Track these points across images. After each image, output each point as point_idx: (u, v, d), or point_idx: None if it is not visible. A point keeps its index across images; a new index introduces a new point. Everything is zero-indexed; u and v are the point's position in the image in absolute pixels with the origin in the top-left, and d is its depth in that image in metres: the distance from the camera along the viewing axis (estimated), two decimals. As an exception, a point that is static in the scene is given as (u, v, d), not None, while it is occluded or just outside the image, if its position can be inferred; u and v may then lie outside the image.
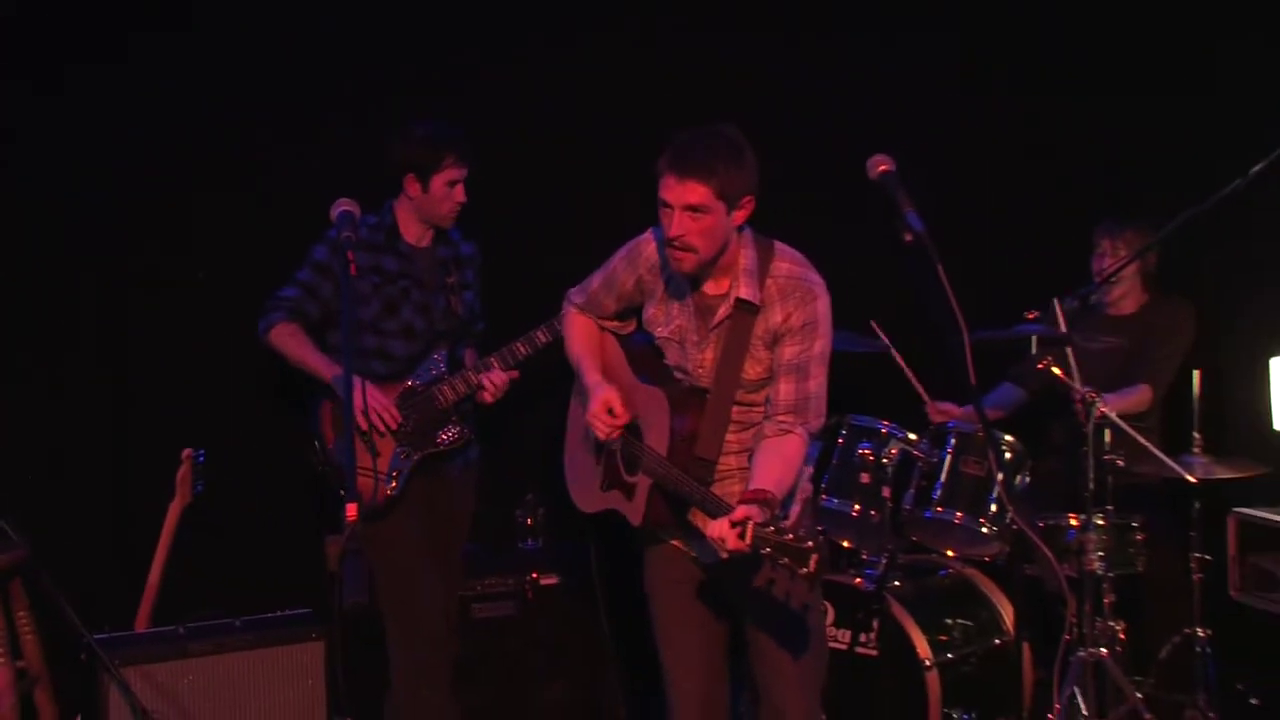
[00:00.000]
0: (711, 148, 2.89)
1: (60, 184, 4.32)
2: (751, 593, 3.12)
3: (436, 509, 4.08)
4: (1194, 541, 4.04)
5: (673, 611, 3.36)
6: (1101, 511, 3.98)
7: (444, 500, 4.10)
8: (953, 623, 4.23)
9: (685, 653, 3.38)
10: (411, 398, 3.98)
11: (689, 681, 3.37)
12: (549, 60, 4.86)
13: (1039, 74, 5.09)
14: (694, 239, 2.92)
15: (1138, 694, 3.95)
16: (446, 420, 4.00)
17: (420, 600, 4.02)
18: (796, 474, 3.09)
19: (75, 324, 4.27)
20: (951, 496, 4.17)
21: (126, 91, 4.38)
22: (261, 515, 4.27)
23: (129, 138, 4.40)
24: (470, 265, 4.21)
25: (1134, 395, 4.30)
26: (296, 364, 3.95)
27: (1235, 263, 4.52)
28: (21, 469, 4.29)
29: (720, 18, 4.94)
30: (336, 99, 4.69)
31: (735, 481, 3.16)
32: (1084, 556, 3.98)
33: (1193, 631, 4.05)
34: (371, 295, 4.00)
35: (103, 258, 4.22)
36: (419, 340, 4.02)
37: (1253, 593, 3.86)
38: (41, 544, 3.99)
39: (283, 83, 4.62)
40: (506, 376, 3.98)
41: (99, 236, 4.19)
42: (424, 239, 4.07)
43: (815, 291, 3.03)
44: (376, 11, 4.71)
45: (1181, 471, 3.93)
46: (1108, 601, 4.05)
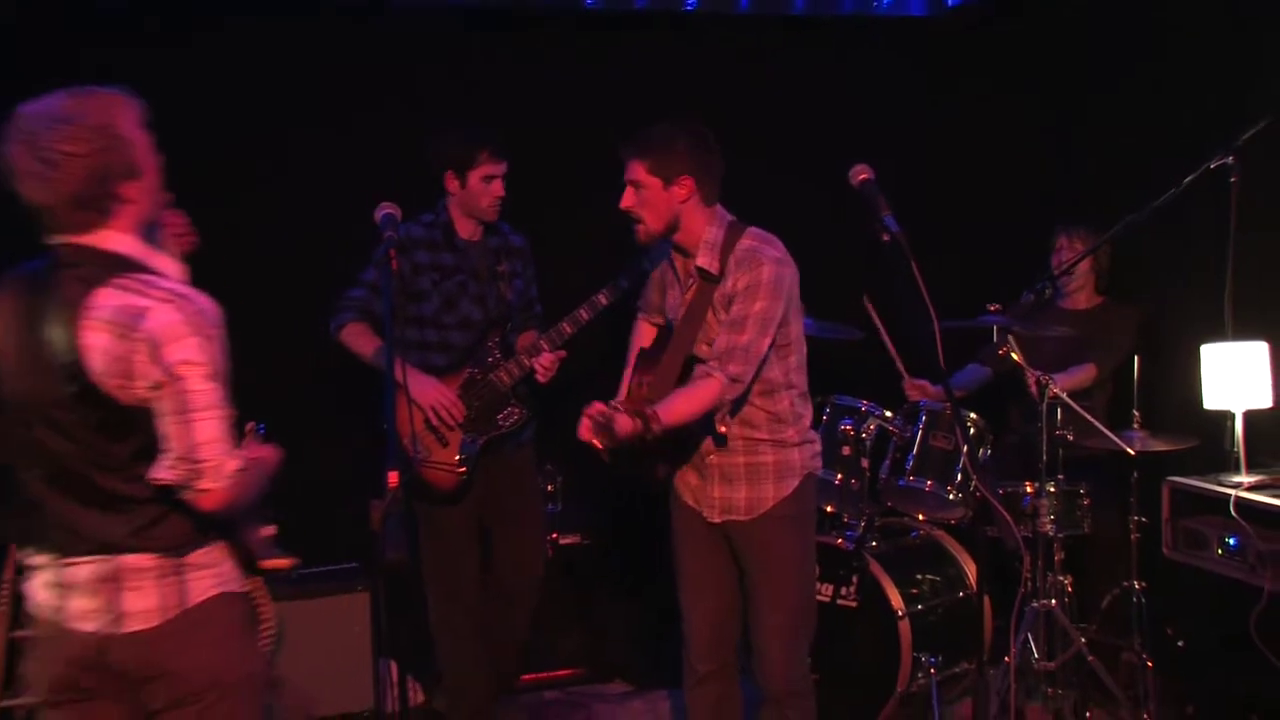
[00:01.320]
0: (649, 134, 3.19)
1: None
2: (747, 548, 3.42)
3: (497, 487, 4.12)
4: (1132, 506, 4.20)
5: (687, 558, 3.54)
6: (1053, 480, 4.17)
7: (504, 479, 4.12)
8: (922, 578, 4.41)
9: (698, 589, 3.54)
10: (473, 385, 3.97)
11: (697, 615, 3.53)
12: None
13: (1003, 87, 5.30)
14: (639, 210, 3.20)
15: (1082, 639, 4.15)
16: (507, 403, 4.01)
17: (459, 571, 4.10)
18: (697, 407, 3.14)
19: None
20: (922, 467, 4.33)
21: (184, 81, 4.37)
22: (314, 482, 4.20)
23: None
24: (520, 256, 4.18)
25: (1080, 373, 4.45)
26: (366, 360, 3.93)
27: (1171, 263, 4.63)
28: None
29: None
30: (367, 99, 4.74)
31: (739, 453, 3.37)
32: (1038, 519, 4.17)
33: (1130, 584, 4.22)
34: (431, 291, 3.97)
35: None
36: (476, 330, 4.02)
37: (1183, 551, 3.91)
38: None
39: (312, 80, 4.66)
40: (555, 357, 3.98)
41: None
42: (475, 233, 4.05)
43: (763, 260, 3.18)
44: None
45: (1122, 445, 4.08)
46: (1058, 559, 4.24)
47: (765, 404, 3.36)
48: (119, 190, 2.29)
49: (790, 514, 3.41)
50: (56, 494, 2.34)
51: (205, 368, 2.26)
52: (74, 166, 2.23)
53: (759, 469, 3.39)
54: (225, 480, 2.26)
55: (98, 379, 2.24)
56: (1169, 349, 4.43)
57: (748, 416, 3.38)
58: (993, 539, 4.19)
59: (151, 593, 2.32)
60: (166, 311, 2.24)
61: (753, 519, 3.39)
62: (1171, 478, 3.93)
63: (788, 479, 3.40)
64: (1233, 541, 3.64)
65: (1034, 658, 4.22)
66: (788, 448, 3.39)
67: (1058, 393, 4.07)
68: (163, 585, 2.33)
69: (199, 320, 2.26)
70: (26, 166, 2.23)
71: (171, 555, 2.34)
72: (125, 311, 2.23)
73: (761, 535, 3.41)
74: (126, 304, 2.24)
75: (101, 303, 2.24)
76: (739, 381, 3.17)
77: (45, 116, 2.25)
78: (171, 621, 2.33)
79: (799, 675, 3.42)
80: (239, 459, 2.30)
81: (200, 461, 2.25)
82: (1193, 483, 3.85)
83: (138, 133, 2.32)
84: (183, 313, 2.25)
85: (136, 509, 2.31)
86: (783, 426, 3.38)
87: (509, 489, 4.15)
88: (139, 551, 2.32)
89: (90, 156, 2.24)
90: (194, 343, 2.25)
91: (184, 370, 2.24)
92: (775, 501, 3.39)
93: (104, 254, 2.29)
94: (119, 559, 2.31)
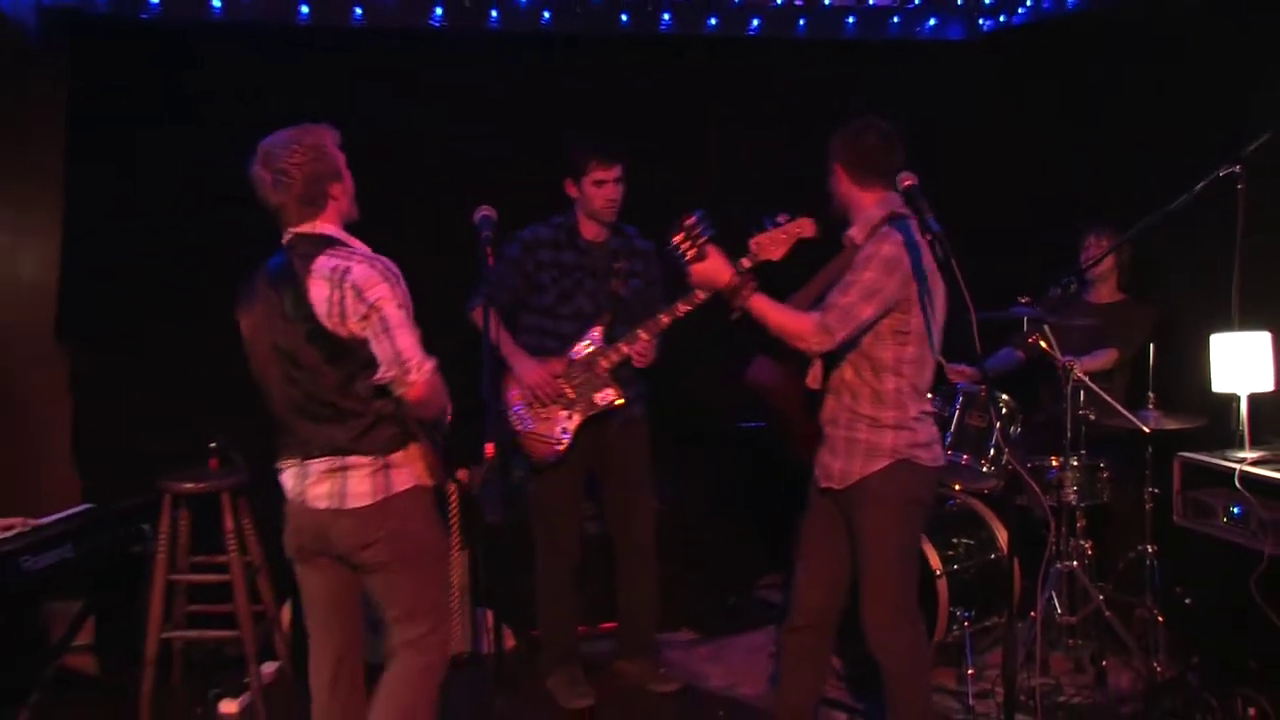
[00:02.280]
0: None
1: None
2: (844, 516, 3.49)
3: (602, 459, 4.38)
4: (1147, 479, 4.32)
5: (806, 520, 3.61)
6: (1076, 455, 4.31)
7: (608, 453, 4.36)
8: (958, 541, 4.55)
9: (806, 550, 3.62)
10: (574, 368, 4.22)
11: (801, 572, 3.61)
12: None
13: (1030, 103, 5.44)
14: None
15: (1100, 596, 4.30)
16: (605, 385, 4.22)
17: (561, 529, 4.39)
18: (785, 324, 3.23)
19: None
20: (959, 442, 4.46)
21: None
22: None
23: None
24: (642, 257, 4.36)
25: (1103, 356, 4.63)
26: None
27: (1184, 260, 4.74)
28: (245, 410, 4.68)
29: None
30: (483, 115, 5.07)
31: (841, 426, 3.42)
32: (1062, 490, 4.34)
33: (1144, 548, 4.34)
34: (550, 286, 4.25)
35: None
36: (587, 321, 4.25)
37: (1191, 519, 3.99)
38: (261, 468, 4.30)
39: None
40: (650, 345, 4.18)
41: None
42: (599, 235, 4.27)
43: (887, 239, 3.26)
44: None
45: (1139, 424, 4.23)
46: (1079, 525, 4.41)
47: (872, 381, 3.37)
48: (329, 190, 3.07)
49: (876, 492, 3.40)
50: (300, 417, 3.10)
51: (394, 301, 2.98)
52: (298, 174, 3.02)
53: (853, 443, 3.41)
54: (425, 374, 2.97)
55: (321, 320, 2.99)
56: (1181, 338, 4.52)
57: (855, 389, 3.42)
58: (1022, 507, 4.35)
59: (366, 481, 3.06)
60: (363, 267, 3.00)
61: (844, 489, 3.44)
62: (1182, 453, 4.04)
63: (876, 458, 3.39)
64: (1237, 511, 3.77)
65: (1057, 613, 4.39)
66: (881, 428, 3.38)
67: (1081, 376, 4.21)
68: (374, 477, 3.06)
69: (385, 271, 3.00)
70: (267, 178, 3.05)
71: (379, 455, 3.07)
72: (336, 270, 3.00)
73: (848, 506, 3.46)
74: (336, 264, 3.01)
75: (319, 265, 3.01)
76: (829, 332, 3.21)
77: (277, 143, 3.07)
78: (380, 503, 3.06)
79: (889, 637, 3.41)
80: (433, 360, 2.99)
81: (405, 361, 2.95)
82: (1201, 458, 3.96)
83: (336, 150, 3.11)
84: (374, 267, 3.00)
85: (354, 420, 3.05)
86: (882, 408, 3.37)
87: (616, 458, 4.39)
88: (357, 453, 3.06)
89: (307, 166, 3.04)
90: (384, 285, 2.98)
91: (380, 303, 2.96)
92: (861, 476, 3.40)
93: (318, 236, 3.09)
94: (344, 458, 3.06)
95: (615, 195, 4.18)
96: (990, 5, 5.50)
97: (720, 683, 4.65)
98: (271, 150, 3.05)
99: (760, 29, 5.33)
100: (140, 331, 5.04)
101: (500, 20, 5.01)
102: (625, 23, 5.17)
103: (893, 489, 3.39)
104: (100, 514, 4.34)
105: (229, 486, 4.36)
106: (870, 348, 3.34)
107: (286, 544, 3.25)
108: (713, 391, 5.03)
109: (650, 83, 5.36)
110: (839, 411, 3.44)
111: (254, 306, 3.16)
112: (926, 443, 3.43)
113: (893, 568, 3.42)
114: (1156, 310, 4.79)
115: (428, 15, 4.93)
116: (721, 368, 4.68)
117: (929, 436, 3.44)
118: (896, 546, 3.43)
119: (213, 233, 4.95)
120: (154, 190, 4.99)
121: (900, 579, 3.44)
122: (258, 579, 4.53)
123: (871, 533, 3.41)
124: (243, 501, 4.44)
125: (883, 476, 3.37)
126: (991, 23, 5.55)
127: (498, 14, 5.00)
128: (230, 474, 4.42)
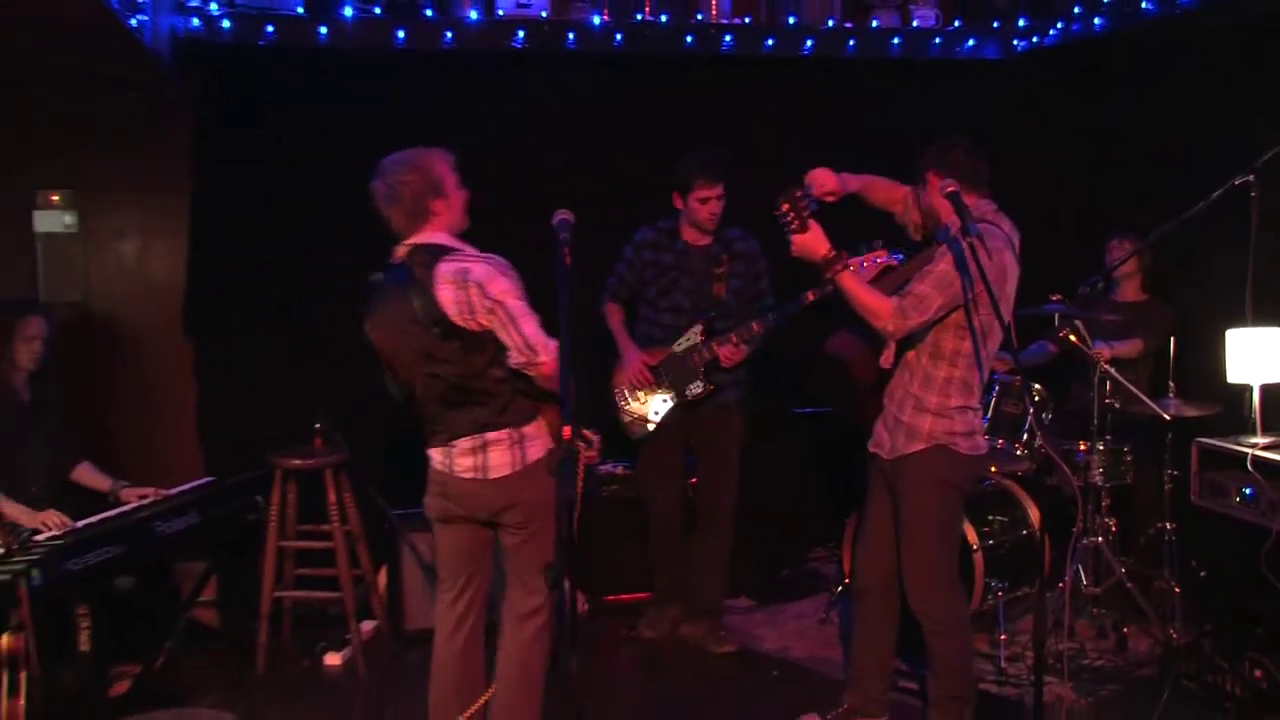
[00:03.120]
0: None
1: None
2: (895, 491, 3.58)
3: (697, 440, 4.64)
4: (1167, 462, 4.43)
5: (867, 490, 3.72)
6: (1102, 440, 4.45)
7: (702, 435, 4.62)
8: (993, 519, 4.64)
9: (865, 517, 3.73)
10: (671, 360, 4.50)
11: (860, 538, 3.75)
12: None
13: (1059, 117, 5.56)
14: None
15: (1123, 569, 4.44)
16: (695, 378, 4.47)
17: (657, 495, 4.69)
18: (867, 300, 3.29)
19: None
20: (996, 428, 4.62)
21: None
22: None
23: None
24: (743, 258, 4.54)
25: (1130, 344, 4.75)
26: (612, 331, 4.60)
27: (1202, 262, 4.85)
28: (345, 395, 4.86)
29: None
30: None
31: (893, 402, 3.53)
32: (1089, 472, 4.46)
33: (1163, 526, 4.46)
34: (651, 282, 4.54)
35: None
36: (685, 316, 4.50)
37: (1207, 499, 4.08)
38: (359, 447, 4.74)
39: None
40: (738, 349, 4.40)
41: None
42: (700, 239, 4.50)
43: (961, 237, 3.26)
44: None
45: (1160, 411, 4.37)
46: (1105, 504, 4.53)
47: (929, 365, 3.45)
48: (431, 206, 3.28)
49: (913, 473, 3.48)
50: (444, 406, 3.31)
51: (514, 293, 3.19)
52: (405, 191, 3.25)
53: (898, 422, 3.51)
54: (552, 353, 3.14)
55: (454, 319, 3.19)
56: (1200, 333, 4.63)
57: (914, 371, 3.50)
58: (1052, 487, 4.43)
59: (505, 454, 3.29)
60: (481, 266, 3.21)
61: (891, 460, 3.55)
62: (1200, 438, 4.15)
63: (914, 440, 3.47)
64: (1249, 491, 3.88)
65: (1083, 584, 4.51)
66: (922, 412, 3.45)
67: (1107, 367, 4.38)
68: (511, 450, 3.30)
69: (501, 268, 3.22)
70: (382, 191, 3.26)
71: (515, 429, 3.30)
72: (458, 272, 3.20)
73: (893, 478, 3.56)
74: (457, 267, 3.20)
75: (442, 271, 3.21)
76: (904, 316, 3.29)
77: (392, 162, 3.30)
78: (517, 472, 3.30)
79: (926, 603, 3.51)
80: (555, 341, 3.14)
81: (533, 345, 3.16)
82: (1217, 443, 4.07)
83: (447, 172, 3.32)
84: (491, 265, 3.21)
85: (493, 400, 3.27)
86: (929, 392, 3.45)
87: (708, 440, 4.65)
88: (497, 429, 3.28)
89: (414, 185, 3.24)
90: (504, 280, 3.19)
91: (503, 296, 3.17)
92: (901, 454, 3.50)
93: (431, 245, 3.29)
94: (485, 435, 3.29)
95: (716, 210, 4.42)
96: (1024, 28, 5.60)
97: (773, 645, 4.82)
98: (387, 168, 3.27)
99: (813, 49, 5.44)
100: (256, 326, 5.28)
101: (576, 42, 5.20)
102: (690, 44, 5.32)
103: (928, 472, 3.47)
104: (220, 486, 4.57)
105: (332, 463, 4.61)
106: (936, 335, 3.42)
107: (428, 507, 3.46)
108: (773, 383, 5.11)
109: (712, 99, 5.53)
110: (897, 388, 3.54)
111: (382, 319, 3.33)
112: (965, 433, 3.47)
113: (930, 544, 3.50)
114: (1176, 310, 4.90)
115: (511, 38, 5.12)
116: (781, 361, 4.90)
117: (967, 427, 3.47)
118: (934, 525, 3.51)
119: (318, 239, 5.18)
120: (268, 199, 5.21)
121: (937, 553, 3.52)
122: (357, 546, 4.72)
123: (910, 510, 3.51)
124: (343, 477, 4.67)
125: (919, 459, 3.46)
126: (1025, 44, 5.64)
127: (574, 36, 5.19)
128: (332, 452, 4.66)
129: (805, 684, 4.46)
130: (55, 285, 5.29)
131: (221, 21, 4.95)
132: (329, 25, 4.97)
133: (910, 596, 3.55)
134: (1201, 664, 3.99)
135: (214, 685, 4.46)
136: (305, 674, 4.66)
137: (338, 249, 4.97)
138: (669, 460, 4.70)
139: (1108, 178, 5.53)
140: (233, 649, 4.77)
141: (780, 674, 4.56)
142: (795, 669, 4.61)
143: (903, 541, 3.54)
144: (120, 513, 4.14)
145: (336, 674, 4.67)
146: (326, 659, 4.74)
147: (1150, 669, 4.29)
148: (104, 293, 5.38)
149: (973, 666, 3.71)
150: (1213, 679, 3.94)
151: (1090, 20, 5.27)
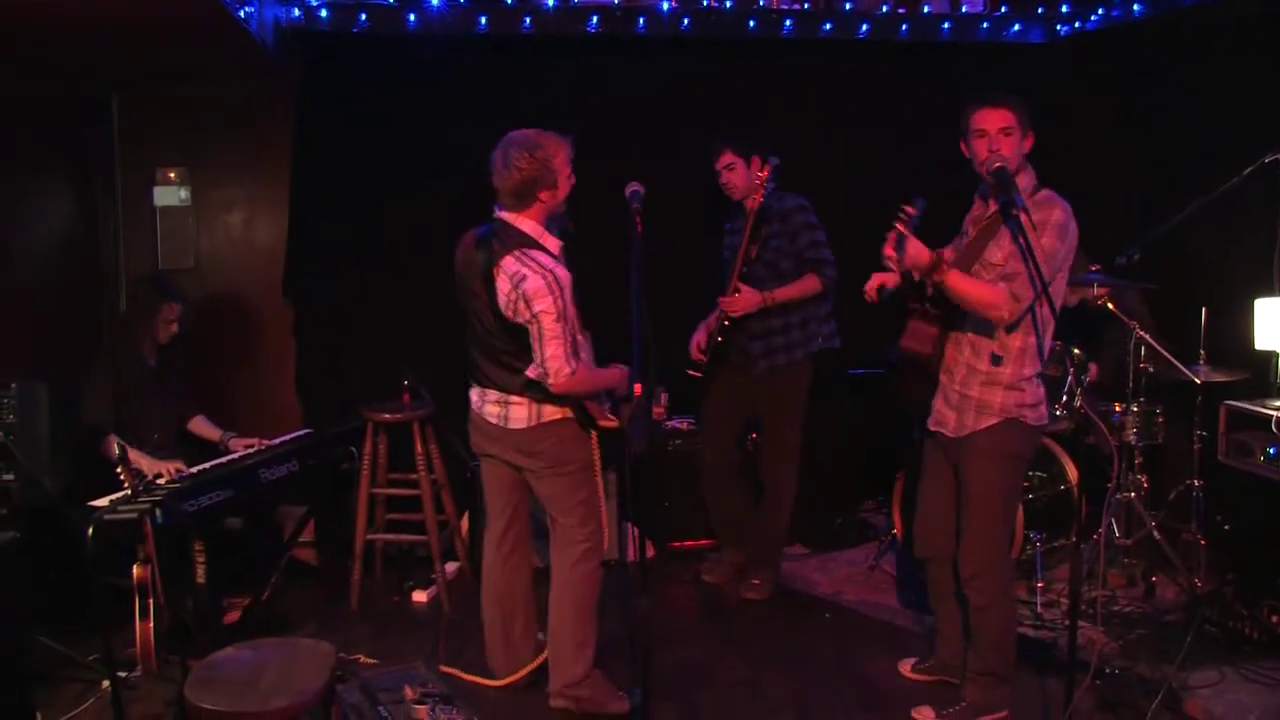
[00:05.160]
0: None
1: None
2: (954, 462, 3.53)
3: (745, 397, 4.75)
4: (1196, 423, 4.49)
5: (923, 462, 3.68)
6: (1136, 402, 4.53)
7: (750, 392, 4.73)
8: (1033, 474, 4.72)
9: (923, 489, 3.69)
10: (724, 324, 4.65)
11: (918, 510, 3.70)
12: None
13: (1100, 96, 5.54)
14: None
15: (1153, 523, 4.52)
16: (740, 337, 4.65)
17: (706, 449, 4.89)
18: (978, 296, 3.19)
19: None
20: None
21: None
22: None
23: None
24: (778, 217, 4.56)
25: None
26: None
27: (1232, 235, 4.83)
28: (431, 353, 4.97)
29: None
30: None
31: (956, 380, 3.45)
32: (1124, 432, 4.53)
33: (1192, 482, 4.53)
34: (726, 247, 4.69)
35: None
36: (732, 280, 4.60)
37: (1233, 457, 4.13)
38: (443, 402, 4.84)
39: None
40: (732, 300, 4.51)
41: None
42: (751, 204, 4.56)
43: (1055, 204, 3.23)
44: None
45: (1190, 375, 4.43)
46: (1138, 462, 4.62)
47: (1002, 337, 3.32)
48: (538, 194, 3.42)
49: (984, 447, 3.38)
50: (484, 356, 3.58)
51: (553, 314, 3.34)
52: (518, 175, 3.36)
53: (965, 399, 3.41)
54: (563, 379, 3.38)
55: (500, 306, 3.42)
56: (1229, 302, 4.64)
57: (976, 345, 3.38)
58: (1089, 446, 4.51)
59: (523, 410, 3.56)
60: (536, 279, 3.33)
61: (956, 438, 3.46)
62: (1227, 401, 4.21)
63: (986, 415, 3.37)
64: (1273, 451, 3.93)
65: (1116, 536, 4.60)
66: (994, 386, 3.35)
67: (1143, 334, 4.45)
68: (529, 408, 3.56)
69: (554, 286, 3.33)
70: (499, 164, 3.38)
71: (535, 402, 3.55)
72: (516, 275, 3.36)
73: (957, 454, 3.48)
74: (517, 270, 3.35)
75: (507, 264, 3.38)
76: (1018, 300, 3.18)
77: (517, 140, 3.39)
78: (533, 427, 3.56)
79: (982, 580, 3.45)
80: (570, 367, 3.37)
81: (548, 367, 3.38)
82: (1243, 405, 4.12)
83: (564, 163, 3.43)
84: (544, 280, 3.33)
85: (518, 376, 3.51)
86: (1002, 365, 3.33)
87: (763, 402, 4.76)
88: (519, 395, 3.54)
89: (529, 170, 3.36)
90: (548, 299, 3.32)
91: (542, 315, 3.34)
92: (972, 430, 3.40)
93: (517, 231, 3.43)
94: (509, 396, 3.56)
95: (726, 180, 4.60)
96: (1067, 13, 5.64)
97: (827, 589, 4.98)
98: (510, 144, 3.35)
99: (868, 33, 5.54)
100: (350, 289, 5.44)
101: (646, 27, 5.35)
102: (753, 28, 5.45)
103: (999, 445, 3.38)
104: (318, 437, 4.77)
105: (419, 417, 4.78)
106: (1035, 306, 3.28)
107: (471, 442, 3.76)
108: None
109: (775, 80, 5.64)
110: (957, 364, 3.43)
111: (463, 256, 3.53)
112: (1034, 403, 3.37)
113: (995, 518, 3.42)
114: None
115: (586, 23, 5.29)
116: (839, 320, 4.93)
117: (1036, 397, 3.37)
118: (1000, 499, 3.43)
119: (405, 211, 5.35)
120: (360, 174, 5.39)
121: (999, 525, 3.44)
122: (442, 494, 4.90)
123: (977, 485, 3.41)
124: (430, 430, 4.84)
125: (991, 433, 3.36)
126: (1068, 28, 5.66)
127: (644, 21, 5.34)
128: (420, 407, 4.82)
129: (856, 625, 4.62)
130: (171, 253, 5.57)
131: (319, 11, 5.17)
132: (417, 13, 5.17)
133: (964, 568, 3.47)
134: (1224, 610, 4.08)
135: (313, 617, 4.68)
136: (394, 609, 4.84)
137: (423, 220, 5.16)
138: (721, 418, 4.87)
139: (1149, 159, 5.51)
140: (329, 585, 4.99)
141: (832, 616, 4.71)
142: (846, 611, 4.76)
143: (965, 512, 3.45)
144: (229, 460, 4.37)
145: (422, 609, 4.84)
146: (414, 596, 4.92)
147: (1176, 615, 4.34)
148: (213, 260, 5.62)
149: (1014, 646, 3.61)
150: (1234, 624, 4.03)
151: (1130, 6, 5.31)
